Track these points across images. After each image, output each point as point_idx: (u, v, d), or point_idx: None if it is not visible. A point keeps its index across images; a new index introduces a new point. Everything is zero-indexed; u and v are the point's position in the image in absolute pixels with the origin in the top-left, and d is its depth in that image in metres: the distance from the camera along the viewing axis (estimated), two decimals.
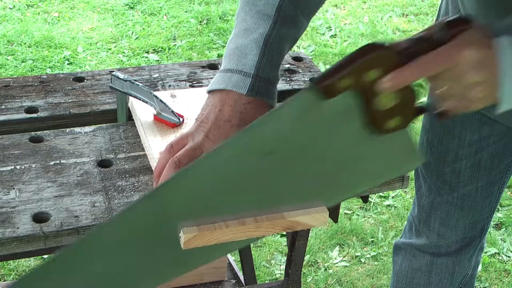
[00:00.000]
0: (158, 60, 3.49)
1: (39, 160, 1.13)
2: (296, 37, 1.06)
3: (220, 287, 1.84)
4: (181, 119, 1.19)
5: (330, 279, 2.26)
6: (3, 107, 1.27)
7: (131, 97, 1.23)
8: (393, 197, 2.65)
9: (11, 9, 3.86)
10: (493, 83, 0.81)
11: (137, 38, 3.68)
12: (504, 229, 2.53)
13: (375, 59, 0.78)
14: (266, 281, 2.18)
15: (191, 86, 1.38)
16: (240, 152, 0.81)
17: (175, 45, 3.63)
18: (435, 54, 0.79)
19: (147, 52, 3.57)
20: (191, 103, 1.25)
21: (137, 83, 1.21)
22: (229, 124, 0.96)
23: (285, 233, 1.97)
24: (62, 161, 1.13)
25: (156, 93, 1.20)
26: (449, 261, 1.51)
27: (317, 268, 2.31)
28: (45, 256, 2.22)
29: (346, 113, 0.79)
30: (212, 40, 3.71)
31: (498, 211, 2.58)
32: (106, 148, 1.17)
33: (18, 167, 1.11)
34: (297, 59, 1.51)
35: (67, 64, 3.41)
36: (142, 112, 1.21)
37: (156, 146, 1.12)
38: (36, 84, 1.35)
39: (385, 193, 2.63)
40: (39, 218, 1.01)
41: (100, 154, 1.15)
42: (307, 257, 2.32)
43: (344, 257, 2.36)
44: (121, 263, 0.86)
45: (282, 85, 1.39)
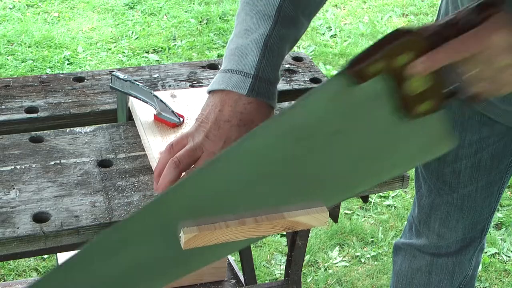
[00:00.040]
0: (158, 60, 3.49)
1: (39, 160, 1.13)
2: (296, 38, 1.06)
3: (220, 287, 1.84)
4: (181, 119, 1.19)
5: (330, 279, 2.26)
6: (3, 107, 1.27)
7: (131, 97, 1.23)
8: (393, 197, 2.65)
9: (11, 9, 3.86)
10: None
11: (137, 38, 3.68)
12: (504, 229, 2.53)
13: (406, 43, 0.78)
14: (266, 281, 2.18)
15: (191, 86, 1.38)
16: (271, 139, 0.80)
17: (175, 45, 3.63)
18: (466, 37, 0.79)
19: (147, 52, 3.57)
20: (191, 103, 1.25)
21: (137, 83, 1.21)
22: (229, 124, 0.96)
23: (285, 233, 1.97)
24: (62, 161, 1.13)
25: (156, 93, 1.20)
26: (449, 262, 1.51)
27: (317, 268, 2.31)
28: (45, 256, 2.23)
29: (377, 98, 0.79)
30: (212, 40, 3.71)
31: (498, 211, 2.58)
32: (106, 148, 1.17)
33: (18, 167, 1.11)
34: (297, 59, 1.51)
35: (67, 64, 3.41)
36: (142, 112, 1.21)
37: (156, 146, 1.12)
38: (36, 84, 1.35)
39: (385, 193, 2.63)
40: (39, 218, 1.01)
41: (100, 154, 1.15)
42: (307, 257, 2.32)
43: (344, 257, 2.36)
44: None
45: (282, 85, 1.39)
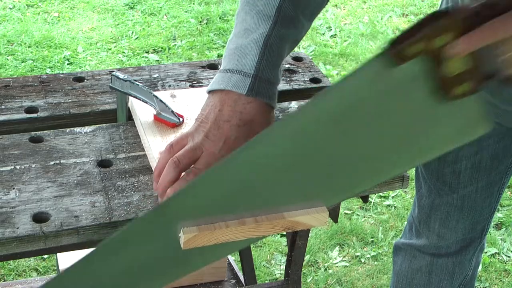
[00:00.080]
0: (158, 60, 3.49)
1: (39, 160, 1.13)
2: (297, 38, 1.06)
3: (220, 287, 1.84)
4: (181, 119, 1.19)
5: (330, 279, 2.26)
6: (3, 107, 1.27)
7: (131, 97, 1.23)
8: (393, 197, 2.65)
9: (11, 9, 3.86)
10: None
11: (137, 38, 3.68)
12: (504, 229, 2.53)
13: (445, 25, 0.78)
14: (266, 281, 2.18)
15: (191, 86, 1.38)
16: (308, 123, 0.80)
17: (175, 45, 3.63)
18: (506, 17, 0.78)
19: (147, 52, 3.57)
20: (191, 103, 1.25)
21: (137, 83, 1.21)
22: (229, 124, 0.96)
23: (285, 233, 1.97)
24: (62, 161, 1.13)
25: (156, 93, 1.20)
26: (449, 262, 1.51)
27: (317, 268, 2.31)
28: (45, 256, 2.23)
29: (415, 80, 0.79)
30: (212, 40, 3.71)
31: (498, 211, 2.58)
32: (106, 148, 1.17)
33: (18, 167, 1.11)
34: (297, 59, 1.51)
35: (67, 64, 3.41)
36: (142, 112, 1.21)
37: (156, 146, 1.12)
38: (36, 84, 1.35)
39: (385, 193, 2.63)
40: (39, 218, 1.01)
41: (100, 154, 1.15)
42: (307, 257, 2.32)
43: (344, 257, 2.36)
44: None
45: (282, 85, 1.39)
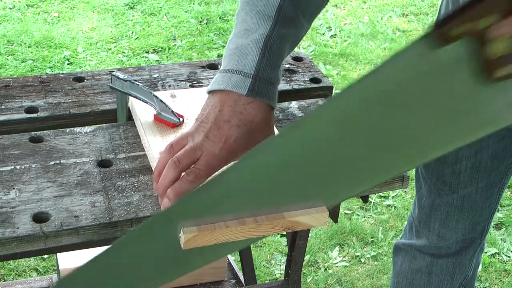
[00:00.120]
0: (158, 60, 3.49)
1: (39, 160, 1.13)
2: (297, 39, 1.06)
3: (220, 287, 1.84)
4: (181, 119, 1.19)
5: (330, 279, 2.26)
6: (3, 107, 1.27)
7: (131, 97, 1.23)
8: (393, 197, 2.65)
9: (11, 9, 3.86)
10: None
11: (137, 38, 3.68)
12: (504, 229, 2.53)
13: (490, 6, 0.77)
14: (266, 281, 2.18)
15: (191, 86, 1.38)
16: (353, 104, 0.80)
17: (175, 45, 3.63)
18: None
19: (147, 52, 3.57)
20: (191, 103, 1.25)
21: (137, 83, 1.21)
22: (229, 124, 0.96)
23: (285, 233, 1.97)
24: (62, 161, 1.13)
25: (156, 93, 1.20)
26: (449, 262, 1.51)
27: (317, 268, 2.31)
28: (45, 256, 2.23)
29: (459, 61, 0.78)
30: (212, 40, 3.71)
31: (498, 211, 2.58)
32: (106, 148, 1.17)
33: (18, 167, 1.11)
34: (297, 59, 1.51)
35: (67, 64, 3.41)
36: (142, 112, 1.21)
37: (156, 146, 1.12)
38: (36, 84, 1.35)
39: (385, 193, 2.63)
40: (39, 218, 1.01)
41: (100, 154, 1.15)
42: (307, 257, 2.32)
43: (344, 257, 2.36)
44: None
45: (282, 85, 1.39)
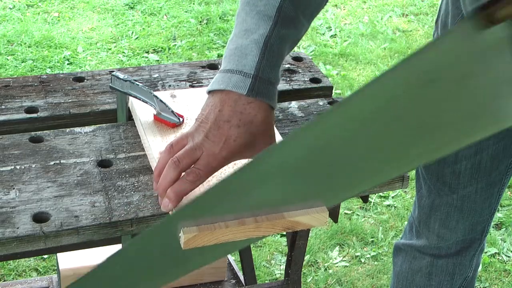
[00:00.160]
0: (158, 60, 3.49)
1: (39, 160, 1.13)
2: (297, 39, 1.06)
3: (220, 287, 1.84)
4: (181, 119, 1.19)
5: (330, 279, 2.26)
6: (3, 107, 1.27)
7: (131, 97, 1.23)
8: (393, 197, 2.65)
9: (11, 9, 3.86)
10: None
11: (137, 38, 3.68)
12: (504, 229, 2.53)
13: None
14: (266, 281, 2.18)
15: (191, 86, 1.38)
16: (395, 84, 0.79)
17: (175, 45, 3.63)
18: None
19: (147, 52, 3.57)
20: (191, 103, 1.25)
21: (137, 83, 1.21)
22: (229, 124, 0.96)
23: (285, 233, 1.97)
24: (62, 161, 1.13)
25: (156, 93, 1.20)
26: (449, 263, 1.51)
27: (317, 268, 2.31)
28: (45, 256, 2.23)
29: (503, 44, 0.78)
30: (212, 40, 3.71)
31: (498, 211, 2.58)
32: (106, 148, 1.17)
33: (18, 167, 1.11)
34: (297, 59, 1.51)
35: (67, 64, 3.41)
36: (142, 112, 1.21)
37: (156, 146, 1.12)
38: (36, 84, 1.35)
39: (385, 193, 2.63)
40: (39, 218, 1.01)
41: (100, 154, 1.15)
42: (307, 257, 2.32)
43: (344, 257, 2.36)
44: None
45: (282, 85, 1.39)
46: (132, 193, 1.07)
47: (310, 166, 0.82)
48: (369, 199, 2.57)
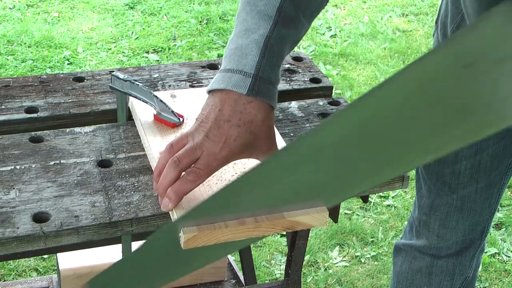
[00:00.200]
0: (158, 60, 3.49)
1: (39, 160, 1.12)
2: (297, 38, 1.06)
3: (220, 287, 1.84)
4: (181, 119, 1.19)
5: (330, 279, 2.26)
6: (3, 107, 1.27)
7: (131, 97, 1.23)
8: (393, 197, 2.65)
9: (11, 9, 3.86)
10: None
11: (137, 38, 3.68)
12: (504, 229, 2.53)
13: None
14: (266, 281, 2.18)
15: (191, 86, 1.38)
16: (437, 65, 0.78)
17: (175, 45, 3.63)
18: None
19: (147, 52, 3.57)
20: (191, 103, 1.25)
21: (137, 83, 1.21)
22: (229, 124, 0.96)
23: (285, 233, 1.97)
24: (62, 161, 1.13)
25: (156, 93, 1.20)
26: (449, 263, 1.50)
27: (317, 268, 2.31)
28: (45, 256, 2.23)
29: None
30: (212, 40, 3.71)
31: (498, 211, 2.58)
32: (106, 148, 1.17)
33: (18, 167, 1.11)
34: (297, 59, 1.51)
35: (67, 64, 3.41)
36: (142, 112, 1.21)
37: (156, 146, 1.12)
38: (36, 84, 1.35)
39: (385, 193, 2.63)
40: (39, 218, 1.01)
41: (100, 154, 1.15)
42: (307, 257, 2.32)
43: (344, 257, 2.36)
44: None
45: (282, 85, 1.39)
46: (132, 193, 1.07)
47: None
48: (369, 199, 2.57)
